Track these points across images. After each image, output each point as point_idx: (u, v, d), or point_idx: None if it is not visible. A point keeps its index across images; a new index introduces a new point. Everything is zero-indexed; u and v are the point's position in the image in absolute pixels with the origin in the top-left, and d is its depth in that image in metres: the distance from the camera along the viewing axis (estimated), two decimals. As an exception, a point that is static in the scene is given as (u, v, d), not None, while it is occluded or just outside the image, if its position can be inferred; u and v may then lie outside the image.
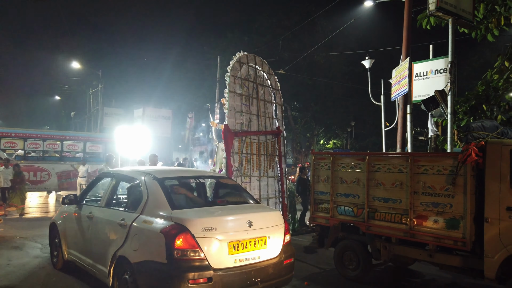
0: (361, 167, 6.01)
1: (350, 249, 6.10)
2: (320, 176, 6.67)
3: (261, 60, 8.82)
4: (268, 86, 8.95)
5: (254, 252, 4.15)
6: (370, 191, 5.85)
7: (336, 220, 6.31)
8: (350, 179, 6.17)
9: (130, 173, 5.22)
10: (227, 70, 8.03)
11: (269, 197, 8.30)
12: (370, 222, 5.81)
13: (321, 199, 6.61)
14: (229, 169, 7.28)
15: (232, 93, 7.86)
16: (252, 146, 8.07)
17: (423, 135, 13.00)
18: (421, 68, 11.93)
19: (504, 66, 9.21)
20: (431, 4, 8.10)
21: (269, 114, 8.79)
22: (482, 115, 9.01)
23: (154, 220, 4.09)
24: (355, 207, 6.05)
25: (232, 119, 7.77)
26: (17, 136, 16.26)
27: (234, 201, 4.90)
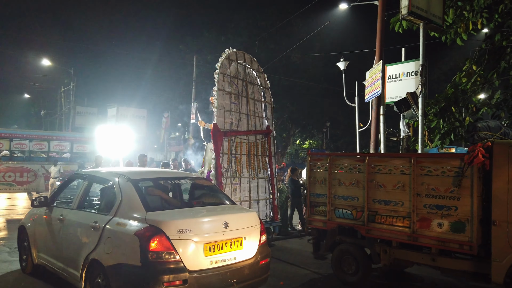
0: (361, 168, 5.80)
1: (348, 254, 5.88)
2: (317, 178, 6.42)
3: (250, 57, 8.60)
4: (257, 85, 8.73)
5: (230, 253, 4.14)
6: (370, 193, 5.65)
7: (334, 223, 6.08)
8: (349, 181, 5.95)
9: (104, 175, 5.11)
10: (216, 67, 7.74)
11: (259, 199, 8.12)
12: (370, 225, 5.61)
13: (318, 202, 6.37)
14: (218, 170, 7.10)
15: (221, 91, 7.61)
16: (241, 146, 7.84)
17: (395, 135, 13.33)
18: (393, 71, 12.23)
19: (472, 70, 9.56)
20: (403, 9, 8.31)
21: (259, 113, 8.60)
22: (451, 117, 9.31)
23: (128, 223, 4.02)
24: (354, 210, 5.84)
25: (221, 118, 7.53)
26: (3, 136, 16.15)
27: (210, 202, 4.88)
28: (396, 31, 10.05)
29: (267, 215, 8.25)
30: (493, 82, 9.38)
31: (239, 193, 7.63)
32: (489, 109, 9.57)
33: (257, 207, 8.01)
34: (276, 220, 8.24)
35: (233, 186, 7.51)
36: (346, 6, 14.52)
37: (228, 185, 7.34)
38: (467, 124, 9.37)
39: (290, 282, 5.89)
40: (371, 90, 11.59)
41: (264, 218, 8.08)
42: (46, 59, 28.41)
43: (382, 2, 11.86)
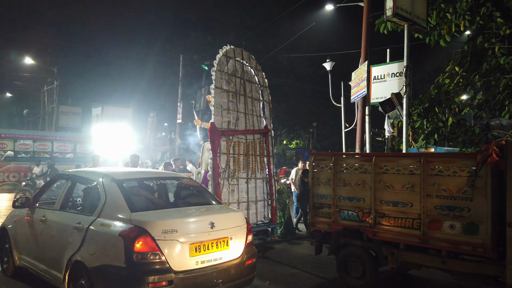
0: (367, 168, 5.59)
1: (354, 256, 5.68)
2: (320, 179, 6.20)
3: (248, 55, 8.32)
4: (255, 83, 8.52)
5: (216, 253, 4.13)
6: (377, 194, 5.45)
7: (339, 225, 5.86)
8: (355, 182, 5.73)
9: (87, 175, 5.04)
10: (215, 65, 7.49)
11: (257, 200, 7.89)
12: (378, 228, 5.41)
13: (322, 203, 6.14)
14: (216, 171, 6.91)
15: (219, 89, 7.37)
16: (239, 146, 7.62)
17: (380, 136, 13.48)
18: (379, 71, 12.37)
19: (455, 71, 9.73)
20: (388, 10, 8.42)
21: (257, 112, 8.37)
22: (434, 117, 9.46)
23: (113, 223, 3.98)
24: (360, 212, 5.63)
25: (218, 117, 7.30)
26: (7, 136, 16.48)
27: (196, 202, 4.85)
28: (381, 32, 10.16)
29: (265, 217, 8.07)
30: (475, 83, 9.57)
31: (236, 194, 7.44)
32: (471, 109, 9.75)
33: (255, 208, 7.81)
34: (274, 222, 8.05)
35: (231, 187, 7.32)
36: (332, 7, 14.63)
37: (225, 185, 7.16)
38: (449, 124, 9.55)
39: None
40: (357, 91, 11.71)
41: (262, 220, 7.90)
42: (29, 58, 27.86)
43: (367, 4, 12.00)
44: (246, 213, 7.46)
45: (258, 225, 7.67)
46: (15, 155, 16.20)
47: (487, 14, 9.46)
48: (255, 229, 7.51)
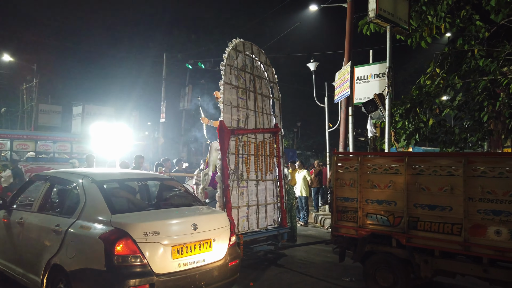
0: (399, 169, 5.22)
1: (384, 264, 5.28)
2: (344, 180, 5.78)
3: (258, 49, 7.89)
4: (265, 79, 8.03)
5: (199, 255, 4.09)
6: (411, 197, 5.08)
7: (367, 230, 5.44)
8: (384, 183, 5.34)
9: (67, 176, 4.92)
10: (224, 59, 7.04)
11: (267, 203, 7.48)
12: (412, 233, 5.04)
13: (346, 207, 5.72)
14: (225, 172, 6.52)
15: (228, 85, 6.89)
16: (249, 146, 7.17)
17: (363, 136, 13.62)
18: (362, 72, 12.50)
19: (435, 72, 9.91)
20: (371, 12, 8.51)
21: (267, 110, 7.89)
22: (416, 117, 9.62)
23: (92, 226, 3.89)
24: (391, 216, 5.24)
25: (228, 115, 6.83)
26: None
27: (179, 204, 4.79)
28: (364, 33, 10.26)
29: (275, 221, 7.68)
30: (455, 85, 9.75)
31: (246, 197, 7.02)
32: (452, 110, 9.95)
33: (265, 212, 7.43)
34: (284, 226, 7.65)
35: (240, 189, 6.91)
36: (316, 7, 14.71)
37: (234, 188, 6.78)
38: (430, 125, 9.72)
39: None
40: (340, 91, 11.80)
41: (272, 224, 7.55)
42: (7, 54, 27.13)
43: (350, 5, 12.11)
44: (255, 217, 7.15)
45: (268, 230, 7.31)
46: (36, 156, 16.77)
47: (466, 17, 9.65)
48: (265, 234, 7.20)
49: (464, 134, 9.63)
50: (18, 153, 16.65)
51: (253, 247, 6.89)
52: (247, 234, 6.74)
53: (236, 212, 6.63)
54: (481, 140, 9.88)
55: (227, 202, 6.43)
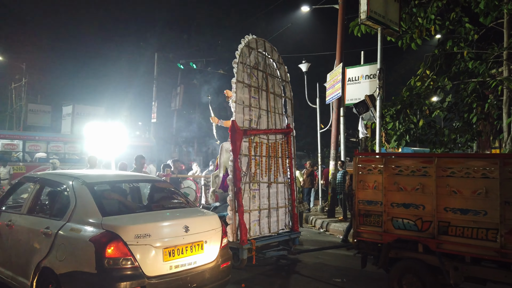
0: (427, 171, 4.98)
1: (411, 271, 5.03)
2: (367, 182, 5.51)
3: (271, 46, 7.60)
4: (277, 77, 7.74)
5: (191, 257, 4.08)
6: (440, 200, 4.83)
7: (392, 235, 5.18)
8: (411, 186, 5.08)
9: (57, 178, 4.87)
10: (237, 56, 6.69)
11: (278, 206, 7.20)
12: (442, 239, 4.79)
13: (369, 210, 5.45)
14: (237, 174, 6.23)
15: (241, 84, 6.58)
16: (261, 147, 6.88)
17: (355, 136, 13.70)
18: (353, 73, 12.57)
19: (426, 74, 10.02)
20: (362, 13, 8.58)
21: (279, 109, 7.60)
22: (406, 119, 9.72)
23: (83, 228, 3.86)
24: (418, 220, 4.99)
25: (240, 115, 6.52)
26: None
27: (170, 206, 4.77)
28: (355, 34, 10.33)
29: (286, 225, 7.39)
30: (445, 86, 9.87)
31: (257, 200, 6.75)
32: (441, 112, 10.06)
33: (276, 215, 7.13)
34: (296, 231, 7.38)
35: (252, 192, 6.62)
36: (308, 8, 14.75)
37: (246, 191, 6.50)
38: (421, 126, 9.82)
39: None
40: (332, 92, 11.85)
41: (283, 228, 7.28)
42: (-5, 53, 26.77)
43: (342, 6, 12.17)
44: (267, 221, 6.90)
45: (279, 235, 7.07)
46: (47, 157, 16.78)
47: (456, 19, 9.78)
48: (277, 239, 6.98)
49: (453, 135, 9.75)
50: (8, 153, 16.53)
51: (265, 252, 6.70)
52: (259, 239, 6.51)
53: (247, 216, 6.42)
54: (470, 141, 10.02)
55: (239, 205, 6.19)
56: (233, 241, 6.11)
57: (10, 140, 17.40)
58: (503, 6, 8.53)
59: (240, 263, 6.13)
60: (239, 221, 6.18)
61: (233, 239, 6.12)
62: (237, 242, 6.14)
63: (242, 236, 6.12)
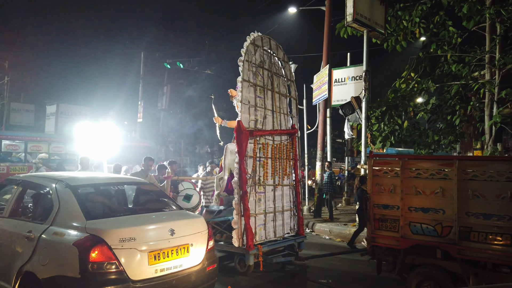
0: (448, 174, 4.81)
1: (430, 278, 4.84)
2: (383, 185, 5.31)
3: (276, 44, 7.36)
4: (282, 76, 7.49)
5: (176, 260, 4.06)
6: (462, 204, 4.66)
7: (411, 241, 5.00)
8: (430, 190, 4.91)
9: (40, 180, 4.78)
10: (242, 54, 6.37)
11: (284, 210, 6.96)
12: (464, 244, 4.61)
13: (385, 215, 5.25)
14: (243, 176, 5.99)
15: (247, 83, 6.33)
16: (267, 148, 6.63)
17: (341, 137, 13.83)
18: (339, 75, 12.69)
19: (410, 76, 10.16)
20: (348, 16, 8.67)
21: (284, 109, 7.36)
22: (391, 120, 9.85)
23: (67, 232, 3.80)
24: (438, 225, 4.82)
25: (246, 115, 6.26)
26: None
27: (156, 208, 4.73)
28: (341, 36, 10.42)
29: (291, 229, 7.15)
30: (429, 89, 10.03)
31: (263, 203, 6.51)
32: (425, 114, 10.22)
33: (282, 219, 6.86)
34: (301, 235, 7.15)
35: (257, 195, 6.36)
36: (295, 10, 14.82)
37: (251, 194, 6.26)
38: (405, 127, 9.96)
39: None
40: (318, 94, 11.94)
41: (289, 232, 7.07)
42: (-24, 51, 26.15)
43: (328, 9, 12.26)
44: (272, 225, 6.68)
45: (285, 239, 6.83)
46: (49, 157, 16.68)
47: (440, 22, 9.95)
48: (283, 244, 6.77)
49: (437, 137, 9.91)
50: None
51: (272, 257, 6.43)
52: (266, 244, 6.32)
53: (253, 220, 6.20)
54: (454, 143, 10.19)
55: (245, 209, 5.95)
56: (239, 246, 5.92)
57: (12, 140, 17.25)
58: (485, 11, 8.70)
59: (246, 270, 5.94)
60: (245, 225, 5.94)
61: (239, 244, 5.91)
62: (243, 247, 5.92)
63: (248, 241, 5.88)
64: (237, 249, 5.90)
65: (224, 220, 6.53)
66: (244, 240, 5.96)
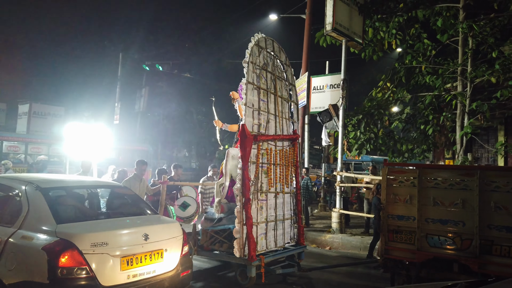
0: (468, 184, 4.64)
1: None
2: (399, 195, 5.12)
3: (279, 46, 7.16)
4: (284, 80, 7.28)
5: (150, 266, 3.99)
6: (483, 217, 4.50)
7: (428, 254, 4.79)
8: (449, 201, 4.74)
9: (8, 181, 4.62)
10: (247, 55, 6.17)
11: (285, 218, 6.70)
12: (485, 259, 4.44)
13: (400, 226, 5.05)
14: (246, 183, 5.70)
15: (251, 85, 6.11)
16: (270, 154, 6.41)
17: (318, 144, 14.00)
18: (318, 82, 12.86)
19: (386, 86, 10.41)
20: (328, 25, 8.81)
21: (286, 114, 7.16)
22: (367, 128, 10.04)
23: (36, 236, 3.69)
24: (457, 238, 4.64)
25: (250, 119, 6.04)
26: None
27: (130, 213, 4.65)
28: (321, 45, 10.58)
29: (292, 238, 6.90)
30: (404, 98, 10.29)
31: (265, 211, 6.23)
32: (400, 123, 10.48)
33: (282, 228, 6.60)
34: (302, 245, 6.86)
35: (260, 202, 6.10)
36: (276, 17, 14.97)
37: (254, 201, 5.99)
38: (381, 136, 10.18)
39: None
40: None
41: (289, 241, 6.81)
42: None
43: (309, 17, 12.44)
44: (273, 234, 6.38)
45: (286, 249, 6.53)
46: (48, 159, 16.45)
47: (415, 35, 10.25)
48: (285, 254, 6.44)
49: (410, 145, 10.17)
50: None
51: (274, 268, 6.14)
52: (268, 255, 6.02)
53: (255, 229, 5.89)
54: (426, 151, 10.47)
55: (247, 218, 5.62)
56: (241, 257, 5.59)
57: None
58: (458, 25, 9.02)
59: (248, 281, 5.57)
60: (247, 234, 5.62)
61: (240, 254, 5.58)
62: (245, 258, 5.57)
63: (251, 252, 5.54)
64: (238, 259, 5.59)
65: (224, 228, 6.16)
66: (246, 250, 5.63)
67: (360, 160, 18.31)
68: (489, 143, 10.68)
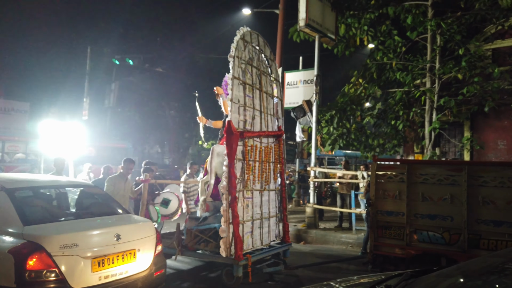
0: (456, 179, 4.68)
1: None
2: (388, 191, 5.16)
3: (263, 41, 6.99)
4: (269, 75, 7.14)
5: (122, 266, 3.89)
6: (471, 211, 4.53)
7: (417, 249, 4.82)
8: (438, 196, 4.78)
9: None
10: (232, 49, 6.03)
11: (270, 216, 6.58)
12: (473, 253, 4.43)
13: (389, 222, 5.08)
14: (233, 181, 5.57)
15: (237, 80, 5.97)
16: (255, 151, 6.28)
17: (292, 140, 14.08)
18: (292, 78, 12.91)
19: (358, 82, 10.58)
20: (301, 21, 8.84)
21: (270, 110, 7.03)
22: (340, 124, 10.19)
23: (1, 238, 3.52)
24: (446, 233, 4.68)
25: (236, 115, 5.90)
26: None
27: (101, 213, 4.52)
28: (294, 40, 10.62)
29: (277, 236, 6.82)
30: (375, 94, 10.50)
31: (251, 209, 6.13)
32: (372, 118, 10.68)
33: (268, 226, 6.50)
34: (287, 242, 6.77)
35: (246, 200, 6.00)
36: (249, 11, 14.88)
37: (240, 199, 5.85)
38: (353, 131, 10.36)
39: None
40: (271, 96, 12.02)
41: (274, 239, 6.72)
42: None
43: (282, 12, 12.43)
44: (259, 232, 6.29)
45: (272, 247, 6.44)
46: (26, 158, 16.19)
47: (386, 31, 10.44)
48: (271, 252, 6.33)
49: (381, 140, 10.39)
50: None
51: (261, 267, 6.07)
52: (254, 253, 5.90)
53: (241, 228, 5.75)
54: (397, 146, 10.74)
55: (234, 216, 5.50)
56: (227, 257, 5.45)
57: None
58: (427, 23, 9.26)
59: (235, 281, 5.44)
60: (233, 233, 5.50)
61: (227, 254, 5.45)
62: (231, 257, 5.44)
63: (237, 251, 5.41)
64: (225, 259, 5.46)
65: (209, 227, 6.01)
66: (232, 249, 5.52)
67: (333, 155, 18.58)
68: (456, 138, 11.07)
